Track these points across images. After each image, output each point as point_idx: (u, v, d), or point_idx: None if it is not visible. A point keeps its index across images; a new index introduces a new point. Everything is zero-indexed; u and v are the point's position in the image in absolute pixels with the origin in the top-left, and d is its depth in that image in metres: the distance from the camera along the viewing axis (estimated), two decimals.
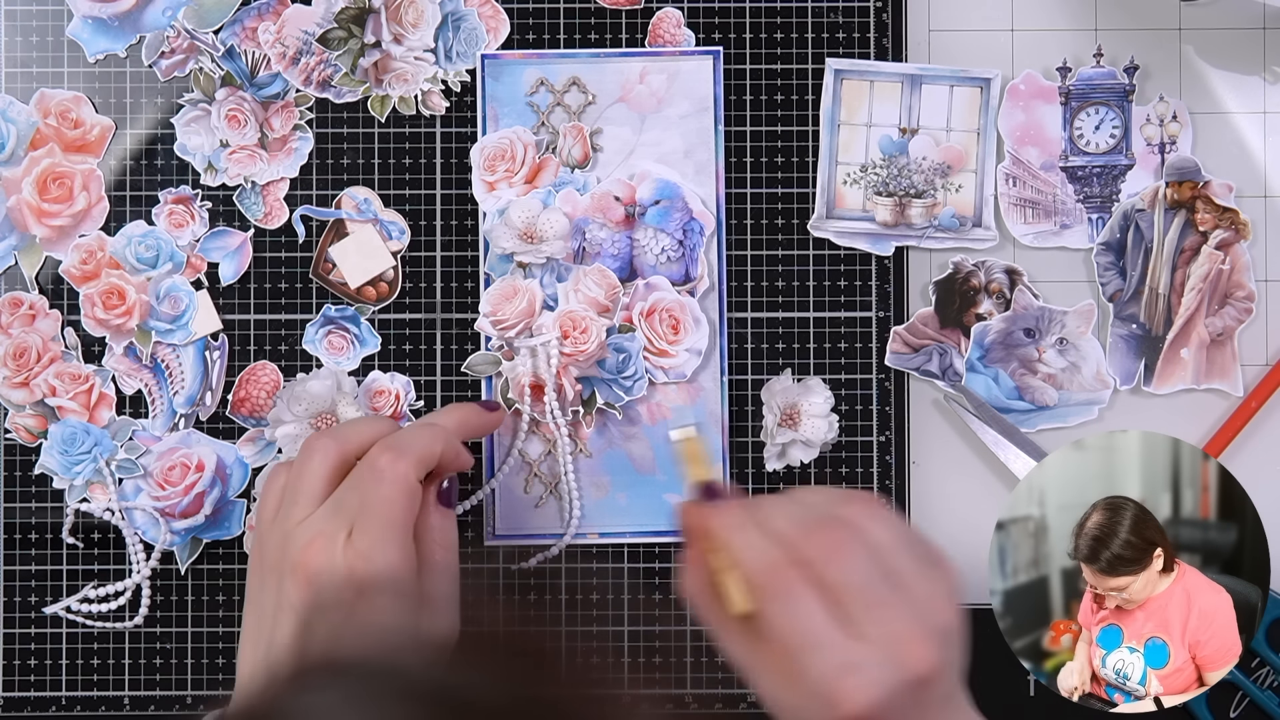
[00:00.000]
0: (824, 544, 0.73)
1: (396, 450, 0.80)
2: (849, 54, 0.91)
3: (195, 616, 0.90)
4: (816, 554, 0.73)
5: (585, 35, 0.91)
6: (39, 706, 0.90)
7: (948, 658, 0.73)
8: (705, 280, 0.90)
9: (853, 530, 0.74)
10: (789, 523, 0.74)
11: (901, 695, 0.72)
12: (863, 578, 0.73)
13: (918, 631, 0.72)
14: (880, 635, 0.72)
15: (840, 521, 0.74)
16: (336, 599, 0.77)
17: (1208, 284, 0.90)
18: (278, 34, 0.90)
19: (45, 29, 0.91)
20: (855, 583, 0.73)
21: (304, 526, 0.80)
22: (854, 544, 0.73)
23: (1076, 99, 0.91)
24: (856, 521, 0.74)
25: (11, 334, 0.90)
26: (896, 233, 0.91)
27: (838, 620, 0.72)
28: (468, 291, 0.90)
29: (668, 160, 0.90)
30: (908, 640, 0.72)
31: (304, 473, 0.82)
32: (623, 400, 0.90)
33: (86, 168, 0.90)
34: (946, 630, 0.73)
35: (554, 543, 0.90)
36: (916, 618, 0.73)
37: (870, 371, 0.91)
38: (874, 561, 0.73)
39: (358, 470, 0.81)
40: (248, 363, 0.90)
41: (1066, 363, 0.90)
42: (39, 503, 0.90)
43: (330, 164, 0.90)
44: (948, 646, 0.74)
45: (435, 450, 0.81)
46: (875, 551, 0.74)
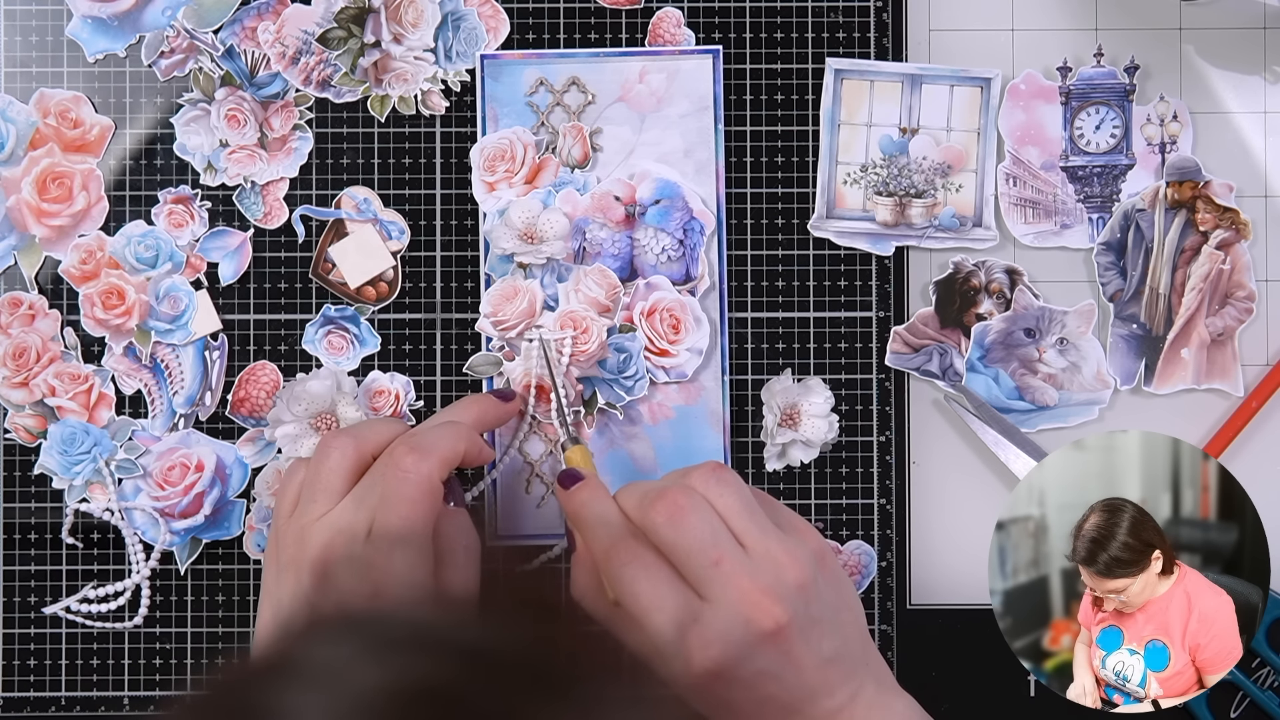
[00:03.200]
0: (666, 509, 0.76)
1: (421, 450, 0.80)
2: (849, 54, 0.91)
3: (195, 616, 0.90)
4: (659, 520, 0.76)
5: (585, 35, 0.91)
6: (39, 706, 0.90)
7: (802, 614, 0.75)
8: (706, 280, 0.90)
9: (693, 494, 0.77)
10: (634, 498, 0.78)
11: (752, 650, 0.74)
12: (702, 539, 0.76)
13: (760, 588, 0.75)
14: (722, 594, 0.75)
15: (682, 489, 0.77)
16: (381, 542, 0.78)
17: (1208, 284, 0.90)
18: (277, 34, 0.90)
19: (45, 29, 0.90)
20: (695, 544, 0.75)
21: (323, 523, 0.81)
22: (694, 508, 0.76)
23: (1077, 99, 0.91)
24: (698, 487, 0.77)
25: (11, 334, 0.90)
26: (896, 233, 0.91)
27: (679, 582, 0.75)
28: (468, 292, 0.90)
29: (668, 160, 0.90)
30: (750, 597, 0.75)
31: (322, 470, 0.82)
32: (624, 400, 0.90)
33: (86, 167, 0.90)
34: (799, 587, 0.76)
35: (555, 543, 0.90)
36: (759, 575, 0.75)
37: (870, 371, 0.91)
38: (715, 523, 0.76)
39: (378, 468, 0.82)
40: (247, 363, 0.90)
41: (1067, 363, 0.90)
42: (38, 503, 0.90)
43: (330, 164, 0.90)
44: (801, 603, 0.76)
45: (459, 449, 0.82)
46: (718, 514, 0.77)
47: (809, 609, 0.76)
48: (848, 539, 0.90)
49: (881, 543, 0.90)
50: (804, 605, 0.76)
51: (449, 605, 0.61)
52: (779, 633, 0.75)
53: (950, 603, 0.91)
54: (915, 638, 0.90)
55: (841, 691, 0.77)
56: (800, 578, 0.76)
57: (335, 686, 0.52)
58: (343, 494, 0.82)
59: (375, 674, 0.52)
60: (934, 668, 0.90)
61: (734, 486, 0.78)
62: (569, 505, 0.80)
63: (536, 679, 0.54)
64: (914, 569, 0.91)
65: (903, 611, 0.90)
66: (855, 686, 0.77)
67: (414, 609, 0.60)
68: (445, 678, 0.53)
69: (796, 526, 0.79)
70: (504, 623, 0.57)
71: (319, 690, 0.52)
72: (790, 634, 0.75)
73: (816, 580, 0.77)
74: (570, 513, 0.81)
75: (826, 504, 0.90)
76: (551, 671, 0.54)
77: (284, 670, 0.54)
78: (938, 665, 0.90)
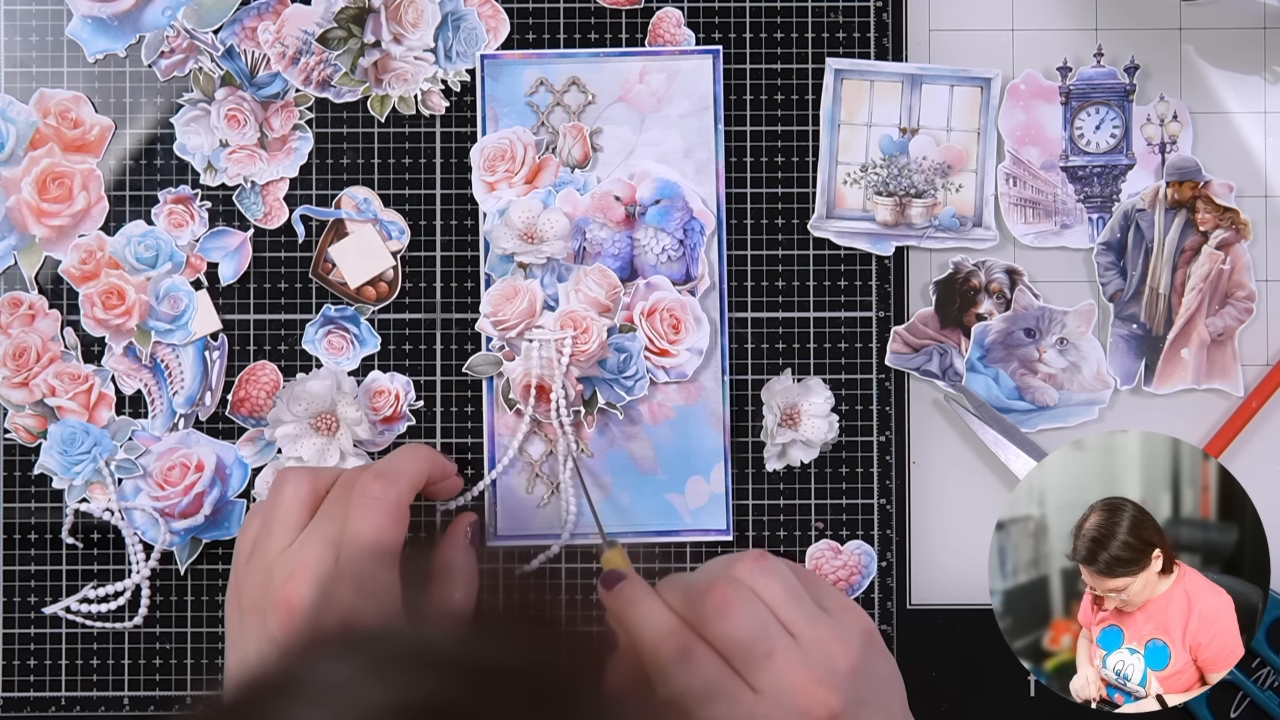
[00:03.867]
0: (713, 603, 0.76)
1: (387, 477, 0.80)
2: (849, 54, 0.91)
3: (195, 617, 0.90)
4: (709, 615, 0.76)
5: (585, 35, 0.91)
6: (39, 706, 0.90)
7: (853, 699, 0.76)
8: (706, 280, 0.90)
9: (740, 587, 0.77)
10: (680, 591, 0.78)
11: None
12: (752, 631, 0.76)
13: (813, 677, 0.75)
14: (774, 685, 0.75)
15: (728, 580, 0.77)
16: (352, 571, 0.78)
17: (1208, 284, 0.90)
18: (277, 34, 0.90)
19: (45, 29, 0.90)
20: (745, 636, 0.75)
21: (285, 557, 0.80)
22: (742, 599, 0.76)
23: (1077, 99, 0.91)
24: (743, 578, 0.77)
25: (11, 334, 0.90)
26: (896, 233, 0.91)
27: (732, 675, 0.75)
28: (468, 292, 0.90)
29: (668, 160, 0.90)
30: (804, 687, 0.75)
31: (279, 504, 0.82)
32: (624, 400, 0.90)
33: (86, 167, 0.90)
34: (850, 672, 0.76)
35: (553, 543, 0.90)
36: (811, 664, 0.75)
37: (870, 371, 0.91)
38: (763, 614, 0.76)
39: (336, 499, 0.81)
40: (247, 363, 0.90)
41: (1067, 363, 0.90)
42: (38, 503, 0.90)
43: (330, 164, 0.90)
44: (852, 688, 0.76)
45: (424, 470, 0.83)
46: (765, 604, 0.76)
47: (859, 693, 0.76)
48: (848, 539, 0.90)
49: (881, 543, 0.90)
50: (855, 690, 0.76)
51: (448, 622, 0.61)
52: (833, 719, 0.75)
53: (950, 603, 0.91)
54: (915, 638, 0.90)
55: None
56: (851, 664, 0.76)
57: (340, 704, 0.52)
58: (302, 526, 0.81)
59: (379, 691, 0.52)
60: (934, 668, 0.90)
61: (779, 575, 0.78)
62: (614, 603, 0.79)
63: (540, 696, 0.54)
64: (914, 569, 0.91)
65: (903, 611, 0.90)
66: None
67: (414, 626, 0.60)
68: (450, 695, 0.53)
69: (844, 607, 0.79)
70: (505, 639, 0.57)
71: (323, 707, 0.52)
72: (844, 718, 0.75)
73: (865, 663, 0.77)
74: (615, 611, 0.79)
75: (826, 504, 0.90)
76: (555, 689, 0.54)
77: (287, 688, 0.54)
78: (938, 665, 0.90)
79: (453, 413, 0.90)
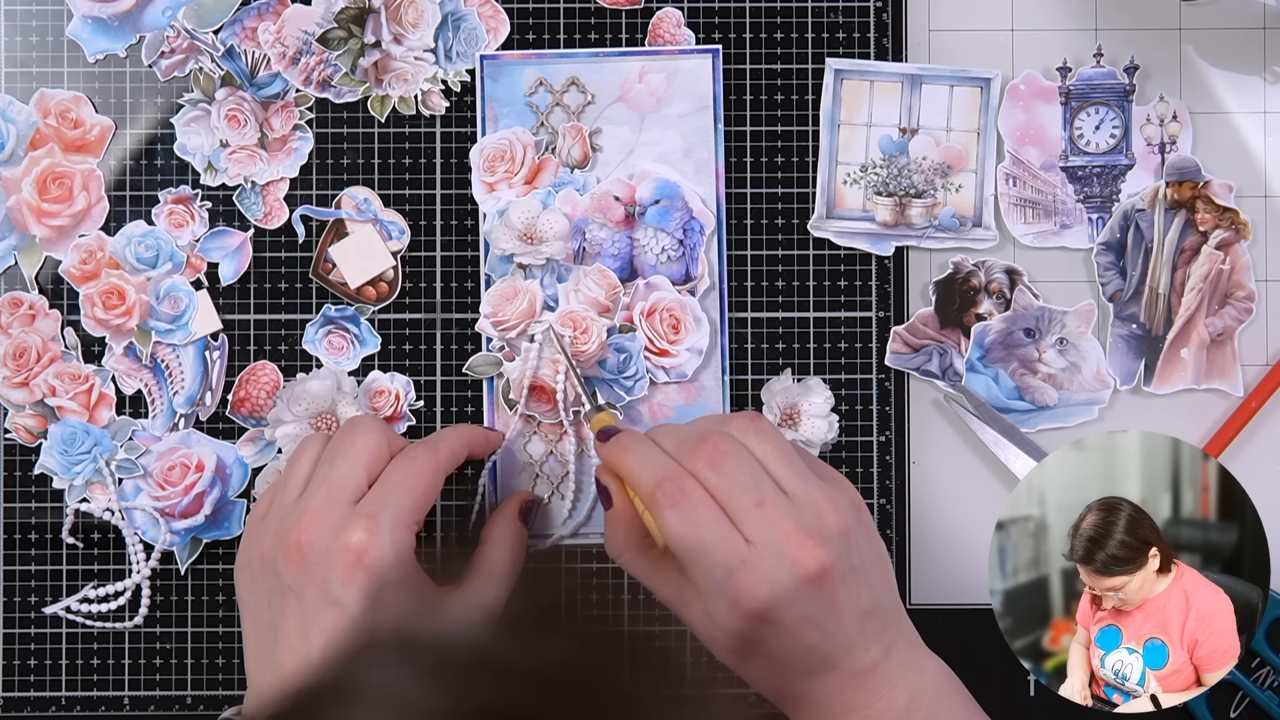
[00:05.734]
0: (707, 454, 0.77)
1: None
2: (849, 54, 0.91)
3: (195, 616, 0.90)
4: (701, 464, 0.77)
5: (585, 35, 0.91)
6: (39, 706, 0.90)
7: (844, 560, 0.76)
8: (706, 279, 0.90)
9: (733, 442, 0.77)
10: (676, 441, 0.79)
11: (796, 592, 0.75)
12: (745, 482, 0.76)
13: (802, 529, 0.76)
14: (766, 535, 0.76)
15: (723, 435, 0.78)
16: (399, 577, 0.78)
17: (1208, 284, 0.90)
18: (278, 34, 0.90)
19: (45, 29, 0.91)
20: (738, 487, 0.76)
21: (295, 505, 0.81)
22: (736, 453, 0.77)
23: (1076, 99, 0.91)
24: (738, 435, 0.78)
25: (11, 334, 0.90)
26: (896, 233, 0.91)
27: (727, 523, 0.76)
28: (468, 292, 0.90)
29: (667, 159, 0.90)
30: (793, 537, 0.75)
31: (296, 468, 0.83)
32: (624, 400, 0.90)
33: (86, 168, 0.90)
34: (841, 532, 0.76)
35: (552, 543, 0.90)
36: (801, 518, 0.76)
37: (870, 371, 0.91)
38: (755, 468, 0.77)
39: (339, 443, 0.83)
40: (248, 363, 0.90)
41: (1066, 363, 0.90)
42: (39, 503, 0.90)
43: (330, 164, 0.90)
44: (843, 548, 0.76)
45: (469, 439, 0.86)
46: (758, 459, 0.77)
47: (849, 556, 0.77)
48: None
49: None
50: (845, 552, 0.76)
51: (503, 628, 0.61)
52: (823, 575, 0.75)
53: (950, 603, 0.91)
54: None
55: (876, 646, 0.77)
56: (841, 524, 0.77)
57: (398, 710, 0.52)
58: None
59: (437, 698, 0.52)
60: None
61: (772, 435, 0.78)
62: (609, 453, 0.80)
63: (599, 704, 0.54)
64: (914, 569, 0.91)
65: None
66: (889, 642, 0.77)
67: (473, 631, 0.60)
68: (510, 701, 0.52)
69: (834, 477, 0.80)
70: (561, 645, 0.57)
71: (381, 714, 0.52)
72: (833, 578, 0.75)
73: (856, 529, 0.77)
74: (611, 460, 0.80)
75: None
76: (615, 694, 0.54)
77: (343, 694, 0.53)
78: None
79: (453, 413, 0.90)
